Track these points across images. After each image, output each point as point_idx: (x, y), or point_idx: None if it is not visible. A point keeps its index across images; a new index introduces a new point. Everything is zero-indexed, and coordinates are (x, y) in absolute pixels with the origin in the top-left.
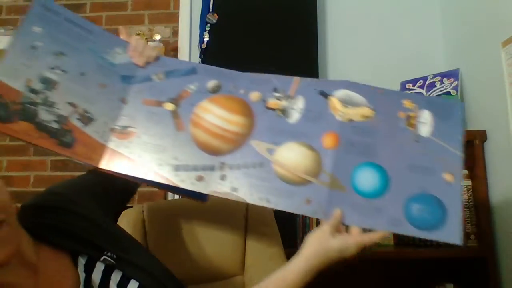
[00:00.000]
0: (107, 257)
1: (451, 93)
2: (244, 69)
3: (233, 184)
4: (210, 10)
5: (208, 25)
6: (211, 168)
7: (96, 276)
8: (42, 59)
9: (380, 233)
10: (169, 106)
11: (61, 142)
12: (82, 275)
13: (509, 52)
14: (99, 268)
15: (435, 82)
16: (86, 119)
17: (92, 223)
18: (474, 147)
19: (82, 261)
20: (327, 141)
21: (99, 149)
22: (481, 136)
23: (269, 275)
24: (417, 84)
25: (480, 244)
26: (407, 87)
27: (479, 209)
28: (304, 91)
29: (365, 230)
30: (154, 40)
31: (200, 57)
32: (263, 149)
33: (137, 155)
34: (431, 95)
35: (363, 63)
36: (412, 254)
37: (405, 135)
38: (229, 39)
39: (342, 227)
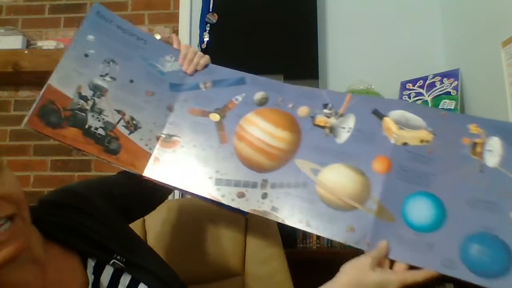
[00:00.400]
0: (116, 261)
1: (451, 93)
2: (244, 69)
3: (273, 204)
4: (210, 10)
5: (208, 25)
6: (254, 185)
7: (105, 279)
8: (93, 66)
9: (427, 273)
10: (215, 117)
11: (106, 149)
12: (91, 277)
13: (509, 52)
14: (108, 271)
15: (435, 82)
16: (132, 126)
17: (104, 225)
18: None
19: (91, 263)
20: (378, 165)
21: (143, 156)
22: None
23: None
24: (417, 84)
25: None
26: (407, 87)
27: None
28: (355, 109)
29: (410, 267)
30: None
31: None
32: (307, 169)
33: (180, 165)
34: (503, 121)
35: (363, 63)
36: None
37: (468, 164)
38: (229, 39)
39: (385, 262)
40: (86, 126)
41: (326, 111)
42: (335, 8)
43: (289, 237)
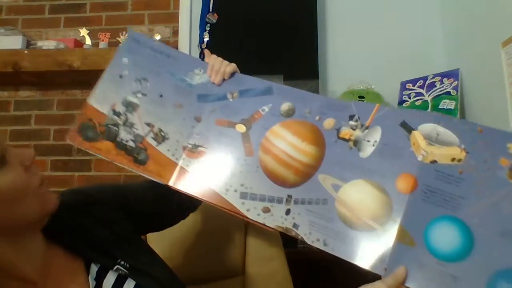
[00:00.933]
0: (120, 266)
1: (451, 93)
2: (244, 69)
3: (295, 220)
4: (210, 10)
5: (208, 25)
6: (279, 201)
7: (107, 284)
8: (127, 85)
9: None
10: (241, 128)
11: (135, 159)
12: (92, 283)
13: (509, 52)
14: (112, 277)
15: (435, 82)
16: (160, 137)
17: (110, 230)
18: None
19: (94, 268)
20: (402, 183)
21: (170, 166)
22: None
23: None
24: (417, 84)
25: None
26: (407, 87)
27: None
28: (382, 121)
29: None
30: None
31: (200, 57)
32: (328, 184)
33: (205, 176)
34: None
35: (363, 63)
36: None
37: (504, 190)
38: (229, 39)
39: None
40: (118, 139)
41: (352, 123)
42: (335, 8)
43: (289, 237)
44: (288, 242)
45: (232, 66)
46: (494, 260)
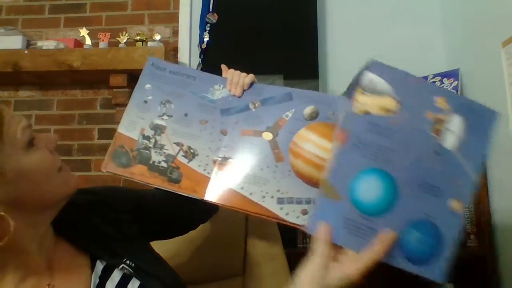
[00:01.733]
0: (125, 265)
1: None
2: (244, 70)
3: None
4: (210, 10)
5: (208, 25)
6: (315, 202)
7: (112, 283)
8: (152, 110)
9: (379, 249)
10: (267, 136)
11: (170, 179)
12: (95, 280)
13: (509, 52)
14: (117, 275)
15: (435, 82)
16: (191, 154)
17: (117, 229)
18: None
19: (100, 265)
20: (339, 138)
21: (203, 181)
22: None
23: None
24: None
25: (480, 244)
26: None
27: (479, 209)
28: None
29: None
30: (154, 40)
31: (200, 57)
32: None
33: (239, 186)
34: (468, 98)
35: (363, 63)
36: None
37: (426, 143)
38: (229, 39)
39: (338, 251)
40: (151, 162)
41: None
42: (335, 8)
43: (289, 237)
44: (288, 242)
45: (250, 77)
46: (409, 212)
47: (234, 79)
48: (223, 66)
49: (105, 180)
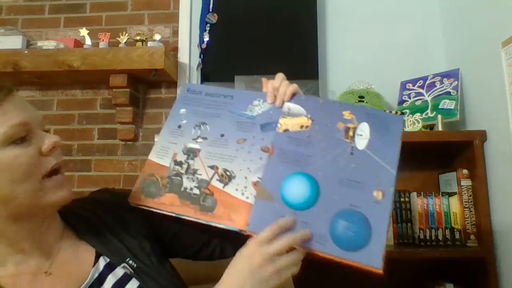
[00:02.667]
0: (127, 265)
1: (451, 93)
2: (244, 70)
3: None
4: (210, 10)
5: (208, 25)
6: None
7: (111, 280)
8: (186, 133)
9: (288, 240)
10: None
11: (202, 208)
12: (94, 274)
13: (509, 52)
14: (118, 273)
15: (435, 82)
16: (226, 178)
17: (126, 231)
18: (474, 147)
19: (103, 261)
20: (269, 152)
21: (241, 207)
22: (481, 136)
23: None
24: (417, 84)
25: (480, 244)
26: (407, 87)
27: (479, 209)
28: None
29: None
30: (154, 40)
31: (200, 57)
32: None
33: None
34: (373, 108)
35: (363, 63)
36: (412, 254)
37: (341, 147)
38: (229, 39)
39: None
40: (182, 189)
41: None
42: (335, 8)
43: None
44: None
45: (293, 87)
46: (335, 204)
47: (275, 89)
48: (264, 80)
49: (105, 180)
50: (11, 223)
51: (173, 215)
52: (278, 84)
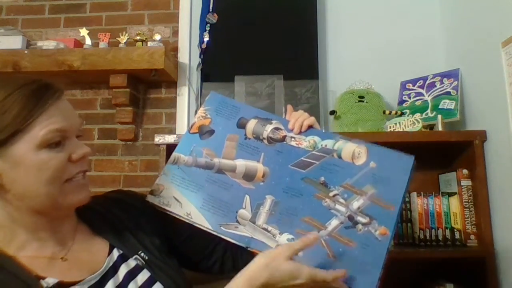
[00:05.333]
0: (139, 257)
1: (451, 93)
2: (244, 70)
3: None
4: (210, 10)
5: (208, 25)
6: None
7: (124, 269)
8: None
9: (337, 274)
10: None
11: None
12: (109, 263)
13: (509, 52)
14: (131, 263)
15: (435, 82)
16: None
17: (138, 228)
18: (474, 147)
19: (116, 252)
20: None
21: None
22: (481, 136)
23: None
24: (417, 84)
25: (480, 244)
26: (407, 87)
27: (479, 209)
28: None
29: None
30: (154, 40)
31: (200, 57)
32: None
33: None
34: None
35: (363, 63)
36: (412, 254)
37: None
38: (229, 39)
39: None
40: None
41: None
42: (335, 8)
43: None
44: None
45: (311, 120)
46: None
47: (297, 119)
48: (289, 107)
49: (105, 180)
50: (30, 215)
51: (186, 220)
52: (300, 114)
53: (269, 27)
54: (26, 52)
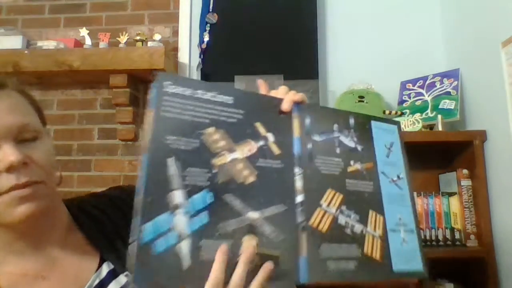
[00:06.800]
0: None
1: (451, 93)
2: (244, 69)
3: None
4: (210, 10)
5: (208, 25)
6: None
7: (114, 286)
8: None
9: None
10: None
11: None
12: (94, 281)
13: (509, 52)
14: (120, 280)
15: (435, 82)
16: None
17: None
18: (474, 147)
19: (106, 268)
20: None
21: None
22: (481, 136)
23: None
24: (417, 84)
25: (480, 244)
26: (407, 87)
27: (479, 209)
28: None
29: None
30: (154, 40)
31: (200, 57)
32: None
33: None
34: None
35: (363, 63)
36: None
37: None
38: (229, 39)
39: None
40: None
41: None
42: (335, 8)
43: None
44: None
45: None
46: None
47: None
48: (260, 82)
49: (105, 180)
50: None
51: None
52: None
53: (269, 27)
54: (26, 52)
